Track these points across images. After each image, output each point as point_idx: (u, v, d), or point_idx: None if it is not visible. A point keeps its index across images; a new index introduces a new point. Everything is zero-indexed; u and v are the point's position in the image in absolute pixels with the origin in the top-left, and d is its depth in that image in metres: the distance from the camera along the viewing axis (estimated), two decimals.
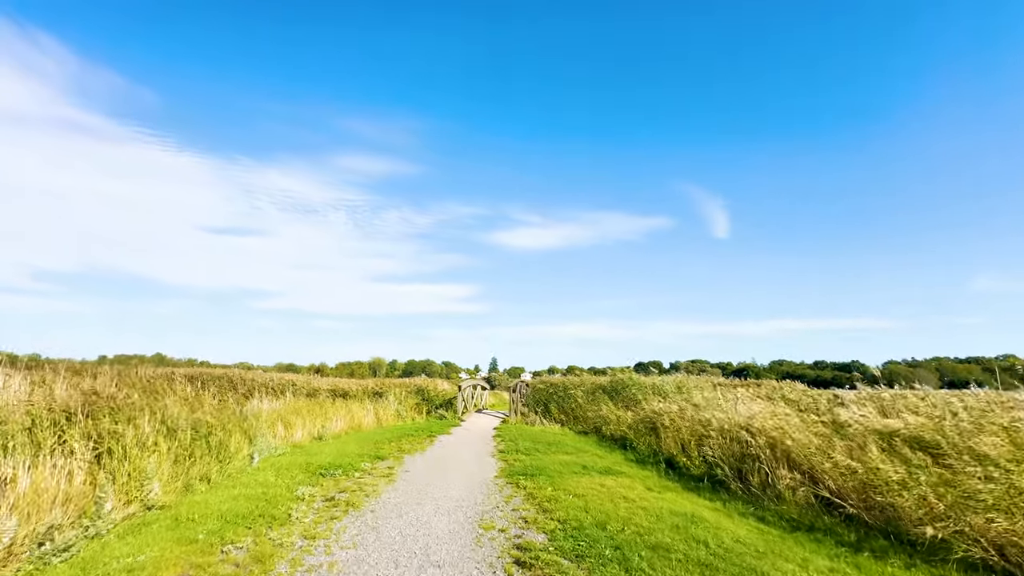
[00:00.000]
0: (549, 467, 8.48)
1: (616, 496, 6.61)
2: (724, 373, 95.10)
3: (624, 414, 13.43)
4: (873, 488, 5.85)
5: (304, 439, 12.54)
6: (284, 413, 13.56)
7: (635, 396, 16.43)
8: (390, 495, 6.75)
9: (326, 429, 13.50)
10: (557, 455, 9.94)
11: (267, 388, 20.66)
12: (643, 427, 11.34)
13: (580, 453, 10.31)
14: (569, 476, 7.88)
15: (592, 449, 11.10)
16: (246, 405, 16.08)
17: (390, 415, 16.66)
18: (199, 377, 20.65)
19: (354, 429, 14.43)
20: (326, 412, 14.64)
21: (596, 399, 16.50)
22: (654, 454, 10.18)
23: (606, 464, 9.14)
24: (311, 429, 13.20)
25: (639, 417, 12.21)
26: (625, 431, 12.04)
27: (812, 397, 13.38)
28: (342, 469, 8.39)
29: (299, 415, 13.71)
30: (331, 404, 15.40)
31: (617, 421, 13.26)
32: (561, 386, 18.70)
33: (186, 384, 18.85)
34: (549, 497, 6.48)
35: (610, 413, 13.82)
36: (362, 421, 15.02)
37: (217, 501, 6.25)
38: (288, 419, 12.93)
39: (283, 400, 18.62)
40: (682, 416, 10.41)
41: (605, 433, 13.21)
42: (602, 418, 13.99)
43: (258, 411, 14.91)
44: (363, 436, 13.07)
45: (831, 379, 67.87)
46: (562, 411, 17.80)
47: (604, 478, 7.88)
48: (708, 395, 14.91)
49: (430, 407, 18.84)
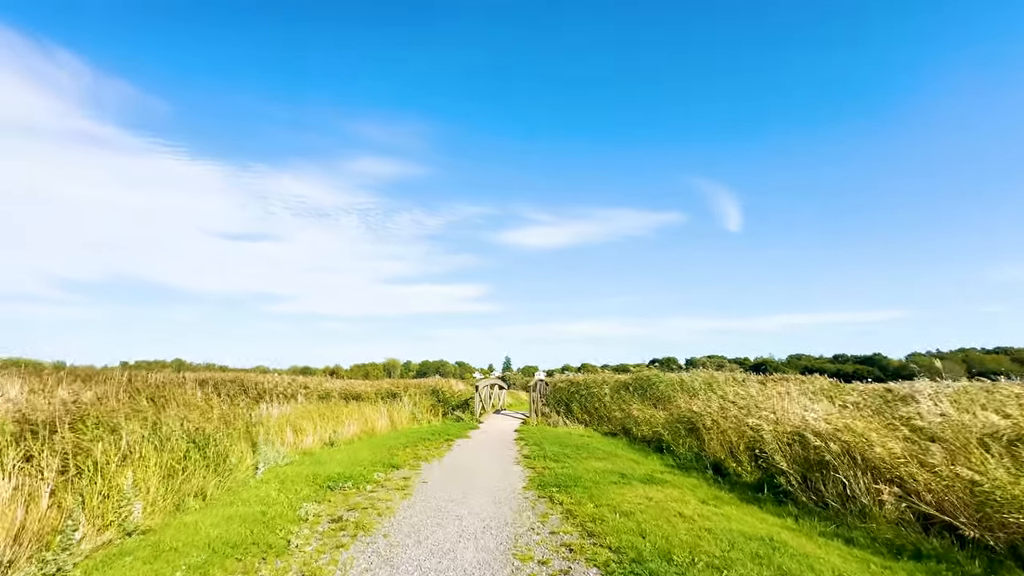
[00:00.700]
0: (583, 476, 7.48)
1: (670, 513, 5.59)
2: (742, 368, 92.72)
3: (656, 414, 12.37)
4: (994, 502, 4.75)
5: (314, 445, 11.71)
6: (294, 418, 12.77)
7: (664, 394, 15.38)
8: (406, 513, 5.82)
9: (338, 434, 12.67)
10: (589, 461, 8.94)
11: (278, 392, 19.97)
12: (681, 428, 10.28)
13: (613, 458, 9.30)
14: (608, 487, 6.88)
15: (625, 453, 10.07)
16: (255, 410, 15.39)
17: (405, 418, 15.81)
18: (209, 381, 20.07)
19: (367, 434, 13.59)
20: (338, 416, 13.82)
21: (623, 398, 15.46)
22: (697, 458, 9.12)
23: (645, 471, 8.12)
24: (322, 434, 12.38)
25: (674, 417, 11.15)
26: (659, 432, 10.98)
27: (860, 393, 12.21)
28: (352, 481, 7.49)
29: (309, 420, 12.91)
30: (343, 407, 14.59)
31: (648, 421, 12.20)
32: (583, 384, 17.68)
33: (196, 388, 18.23)
34: (592, 516, 5.49)
35: (640, 413, 12.77)
36: (375, 425, 14.17)
37: (208, 524, 5.38)
38: (298, 424, 12.13)
39: (294, 404, 17.90)
40: (725, 416, 9.34)
41: (636, 435, 12.17)
42: (631, 418, 12.94)
43: (267, 416, 14.16)
44: (377, 441, 12.20)
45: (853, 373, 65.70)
46: (585, 411, 16.79)
47: (648, 489, 6.87)
48: (744, 391, 13.79)
49: (446, 408, 17.96)
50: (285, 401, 19.30)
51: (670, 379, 16.59)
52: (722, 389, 14.09)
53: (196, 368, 48.30)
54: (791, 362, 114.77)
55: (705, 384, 16.31)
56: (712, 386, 15.99)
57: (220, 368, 57.68)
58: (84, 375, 17.59)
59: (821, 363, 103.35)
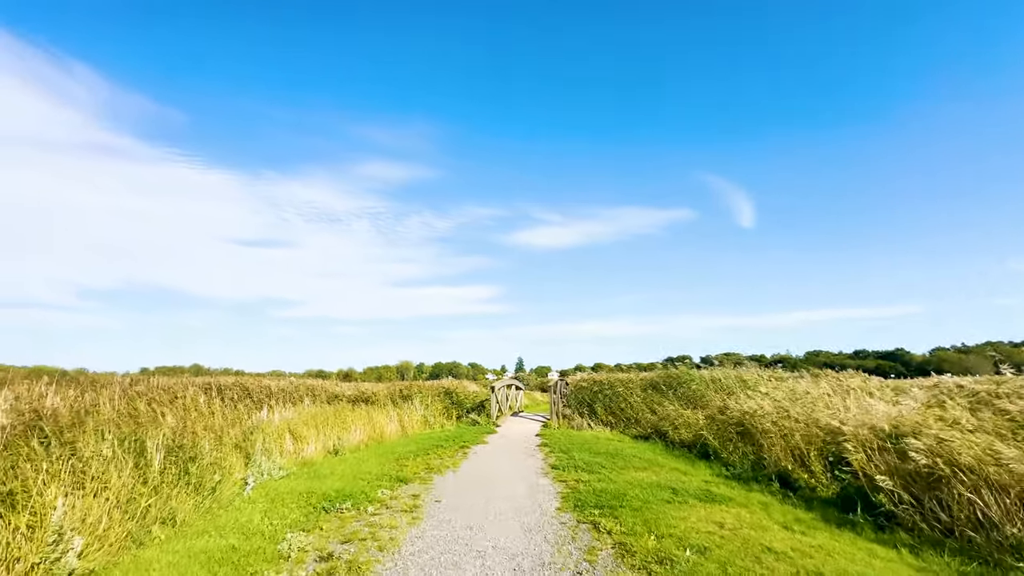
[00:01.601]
0: (628, 493, 6.17)
1: (755, 546, 4.27)
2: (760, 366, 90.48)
3: (694, 415, 10.99)
4: None
5: (317, 454, 10.55)
6: (296, 424, 11.64)
7: (697, 393, 13.98)
8: (414, 547, 4.57)
9: (343, 441, 11.50)
10: (628, 472, 7.63)
11: (284, 395, 18.93)
12: (731, 431, 8.89)
13: (655, 468, 7.97)
14: (661, 507, 5.56)
15: (666, 461, 8.73)
16: (255, 415, 14.32)
17: (416, 422, 14.61)
18: (213, 386, 19.11)
19: (375, 440, 12.41)
20: (344, 421, 12.67)
21: (652, 398, 14.09)
22: (754, 467, 7.75)
23: (698, 485, 6.77)
24: (326, 442, 11.22)
25: (721, 418, 9.76)
26: (703, 436, 9.61)
27: (927, 389, 10.74)
28: (352, 500, 6.27)
29: (313, 426, 11.77)
30: (349, 412, 13.43)
31: (688, 424, 10.83)
32: (607, 384, 16.32)
33: (200, 393, 17.21)
34: (655, 553, 4.17)
35: (677, 414, 11.39)
36: (384, 431, 12.99)
37: (163, 565, 4.19)
38: (299, 431, 10.98)
39: (300, 408, 16.84)
40: (787, 416, 7.94)
41: (673, 439, 10.80)
42: (667, 420, 11.57)
43: (266, 422, 13.08)
44: (385, 449, 11.01)
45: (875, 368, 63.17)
46: (609, 412, 15.43)
47: (711, 509, 5.54)
48: (792, 387, 12.37)
49: (460, 411, 16.73)
50: (291, 405, 18.27)
51: (702, 376, 15.17)
52: (765, 386, 12.65)
53: (212, 373, 47.84)
54: (809, 358, 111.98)
55: (739, 381, 14.91)
56: (748, 383, 14.60)
57: (236, 373, 57.30)
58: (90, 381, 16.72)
59: (841, 359, 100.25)
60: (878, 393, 9.61)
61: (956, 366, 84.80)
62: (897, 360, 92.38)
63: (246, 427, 11.46)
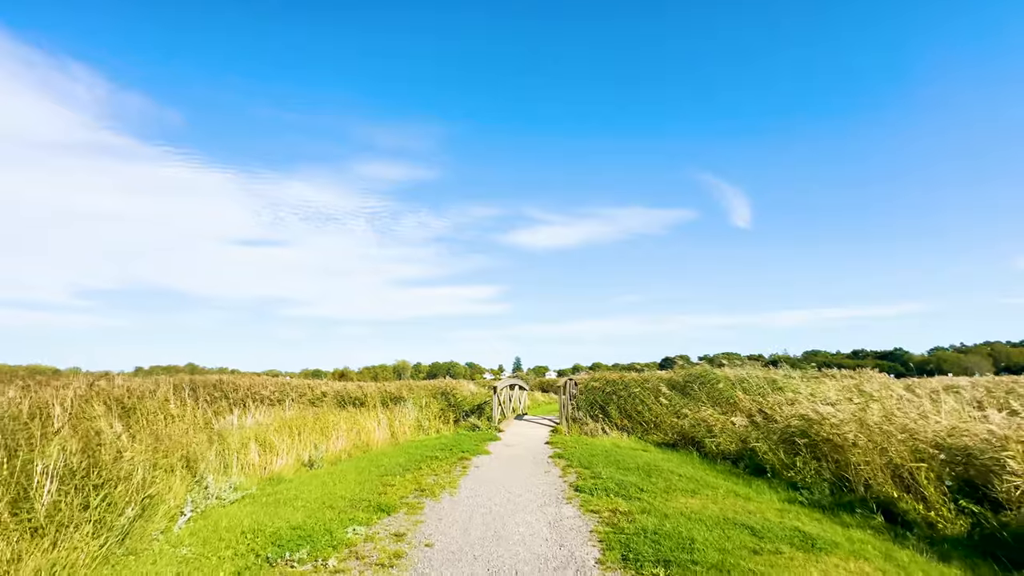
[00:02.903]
0: (693, 536, 4.38)
1: None
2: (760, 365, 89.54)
3: (736, 421, 9.24)
4: None
5: (287, 467, 8.75)
6: (266, 431, 9.83)
7: (724, 394, 12.28)
8: None
9: (321, 451, 9.69)
10: (674, 496, 5.87)
11: (267, 395, 17.08)
12: (799, 442, 7.11)
13: (706, 490, 6.21)
14: (751, 563, 3.80)
15: (714, 479, 6.97)
16: (225, 419, 12.50)
17: (408, 427, 12.80)
18: (190, 385, 17.25)
19: (360, 449, 10.60)
20: (325, 426, 10.85)
21: (678, 400, 12.36)
22: (833, 490, 6.01)
23: (776, 519, 5.02)
24: (300, 452, 9.41)
25: (767, 425, 8.01)
26: (752, 447, 7.86)
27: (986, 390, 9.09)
28: (311, 543, 4.49)
29: (288, 432, 9.96)
30: (331, 416, 11.61)
31: (727, 431, 9.09)
32: (622, 384, 14.56)
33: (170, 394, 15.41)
34: None
35: (714, 419, 9.63)
36: (371, 437, 11.17)
37: None
38: (268, 439, 9.17)
39: (280, 411, 15.00)
40: (881, 424, 6.17)
41: (709, 448, 9.04)
42: (701, 426, 9.81)
43: (237, 427, 11.26)
44: (370, 460, 9.21)
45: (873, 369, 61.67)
46: (625, 415, 13.69)
47: (820, 564, 3.78)
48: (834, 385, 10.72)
49: (458, 414, 14.93)
50: (273, 407, 16.43)
51: (727, 376, 13.48)
52: (806, 386, 10.93)
53: (206, 372, 45.70)
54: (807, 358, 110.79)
55: (768, 382, 13.25)
56: (777, 384, 12.93)
57: (232, 372, 55.20)
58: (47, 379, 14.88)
59: (839, 359, 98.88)
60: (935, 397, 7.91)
61: (955, 366, 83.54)
62: (896, 360, 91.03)
63: (209, 434, 9.67)
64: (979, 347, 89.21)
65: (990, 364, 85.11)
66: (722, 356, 46.03)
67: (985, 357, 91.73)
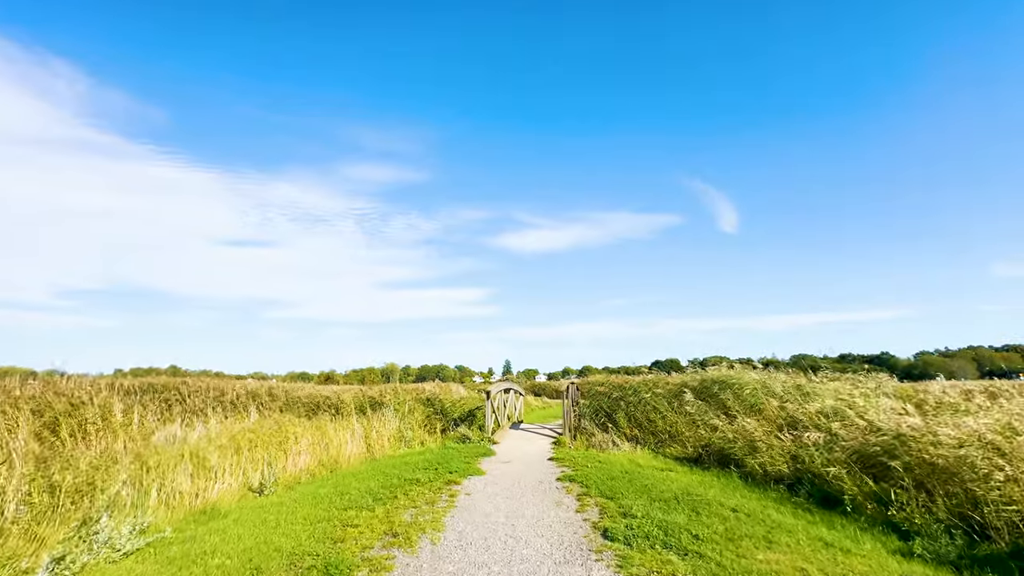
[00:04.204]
0: None
1: None
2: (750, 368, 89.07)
3: (784, 436, 7.57)
4: None
5: (228, 494, 6.87)
6: (209, 445, 7.93)
7: (748, 402, 10.67)
8: None
9: (277, 470, 7.82)
10: (746, 550, 4.14)
11: (226, 400, 15.05)
12: (897, 468, 5.43)
13: (781, 535, 4.50)
14: None
15: (779, 515, 5.27)
16: (165, 430, 10.56)
17: (388, 437, 10.94)
18: (138, 388, 15.16)
19: (327, 467, 8.72)
20: (285, 439, 8.96)
21: (698, 408, 10.70)
22: (963, 536, 4.35)
23: None
24: (250, 472, 7.52)
25: (845, 444, 6.33)
26: (819, 470, 6.18)
27: None
28: None
29: (236, 447, 8.07)
30: (294, 425, 9.70)
31: (771, 447, 7.42)
32: (629, 389, 12.87)
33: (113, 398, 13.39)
34: None
35: (757, 432, 7.95)
36: (341, 452, 9.28)
37: None
38: (206, 457, 7.26)
39: (243, 418, 13.02)
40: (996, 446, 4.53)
41: (751, 468, 7.36)
42: (741, 440, 8.12)
43: (181, 439, 9.33)
44: (335, 485, 7.35)
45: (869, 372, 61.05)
46: (635, 424, 12.00)
47: None
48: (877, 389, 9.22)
49: (446, 423, 13.11)
50: (237, 413, 14.42)
51: (753, 381, 11.88)
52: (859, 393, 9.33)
53: (187, 374, 42.99)
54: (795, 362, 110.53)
55: (794, 387, 11.72)
56: (802, 390, 11.40)
57: (216, 375, 52.31)
58: None
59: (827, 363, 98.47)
60: None
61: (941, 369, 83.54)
62: (883, 364, 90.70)
63: (132, 451, 7.77)
64: (963, 351, 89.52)
65: (974, 368, 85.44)
66: (712, 359, 43.80)
67: (969, 361, 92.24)
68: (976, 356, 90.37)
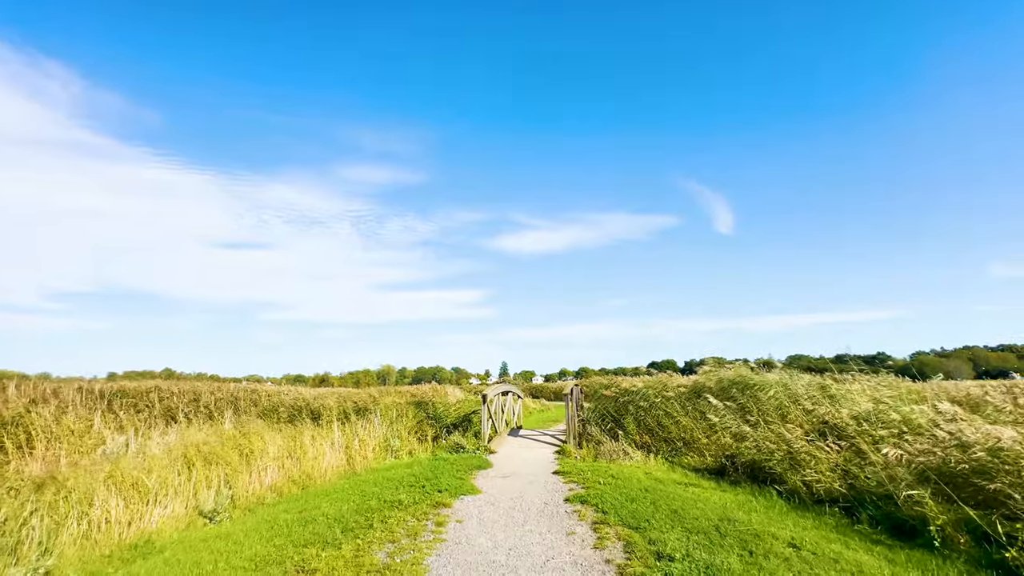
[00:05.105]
0: None
1: None
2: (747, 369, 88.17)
3: (825, 447, 6.44)
4: None
5: (170, 522, 5.65)
6: (151, 462, 6.70)
7: (769, 405, 9.57)
8: None
9: (236, 490, 6.61)
10: None
11: (201, 404, 13.80)
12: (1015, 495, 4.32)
13: None
14: None
15: (853, 553, 4.13)
16: (120, 438, 9.34)
17: (373, 447, 9.73)
18: (106, 392, 13.88)
19: (298, 484, 7.50)
20: (250, 451, 7.76)
21: (731, 412, 9.57)
22: None
23: None
24: (203, 493, 6.30)
25: (927, 462, 5.19)
26: (890, 491, 5.04)
27: None
28: None
29: (190, 463, 6.86)
30: (258, 437, 8.47)
31: (812, 458, 6.28)
32: (639, 393, 11.74)
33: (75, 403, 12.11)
34: None
35: (801, 441, 6.79)
36: (314, 466, 8.06)
37: None
38: (140, 479, 6.02)
39: (216, 425, 11.77)
40: None
41: (792, 483, 6.23)
42: (780, 451, 6.97)
43: (138, 450, 8.09)
44: (300, 510, 6.14)
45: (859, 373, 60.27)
46: (645, 430, 10.85)
47: None
48: None
49: (438, 429, 11.91)
50: (211, 419, 13.17)
51: (773, 382, 10.78)
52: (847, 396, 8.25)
53: (183, 377, 41.37)
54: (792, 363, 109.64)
55: (819, 388, 10.64)
56: (827, 390, 10.35)
57: (211, 377, 50.59)
58: None
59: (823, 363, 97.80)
60: None
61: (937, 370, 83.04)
62: (879, 364, 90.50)
63: (50, 471, 6.55)
64: (959, 351, 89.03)
65: (970, 368, 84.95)
66: (710, 360, 42.03)
67: (965, 361, 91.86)
68: (972, 356, 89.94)
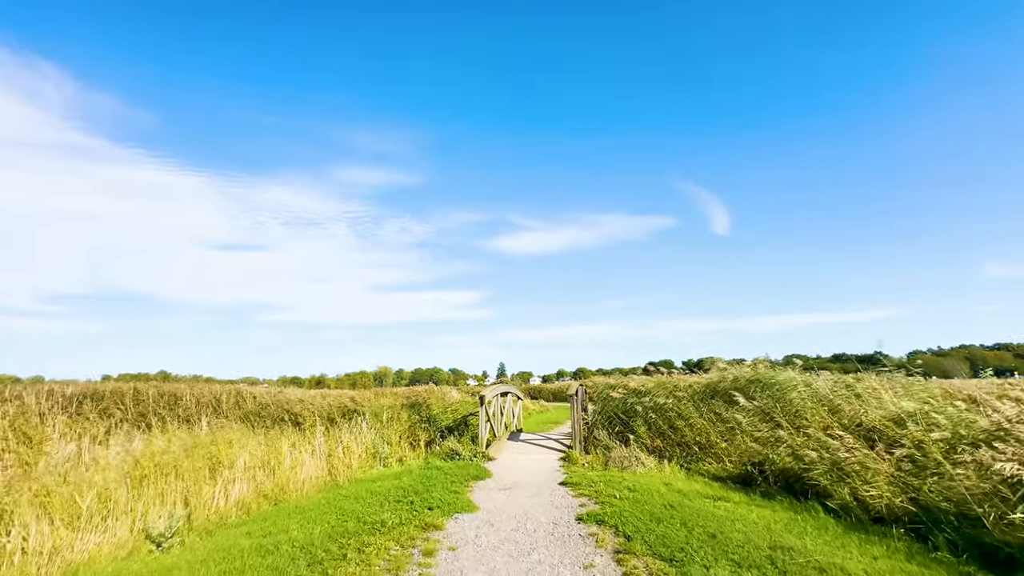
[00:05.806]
0: None
1: None
2: None
3: (877, 455, 5.55)
4: None
5: (110, 549, 4.70)
6: (106, 472, 5.76)
7: (792, 408, 8.76)
8: None
9: (194, 508, 5.67)
10: None
11: (179, 408, 12.80)
12: None
13: None
14: None
15: None
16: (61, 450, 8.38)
17: (359, 454, 8.78)
18: (85, 395, 12.88)
19: (269, 499, 6.56)
20: (216, 461, 6.81)
21: (737, 417, 8.70)
22: None
23: None
24: (154, 512, 5.36)
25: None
26: (972, 512, 4.15)
27: None
28: None
29: (142, 476, 5.91)
30: (230, 445, 7.50)
31: (866, 469, 5.39)
32: (648, 394, 10.84)
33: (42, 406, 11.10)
34: None
35: (847, 450, 5.88)
36: (293, 476, 7.11)
37: None
38: (72, 500, 5.07)
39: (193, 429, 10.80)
40: None
41: (840, 498, 5.34)
42: (824, 460, 6.06)
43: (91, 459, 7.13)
44: (264, 533, 5.19)
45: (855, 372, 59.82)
46: (657, 434, 9.97)
47: None
48: None
49: (432, 432, 10.98)
50: (186, 423, 12.18)
51: (797, 381, 9.97)
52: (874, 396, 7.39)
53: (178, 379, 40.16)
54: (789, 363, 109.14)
55: (844, 387, 9.95)
56: (852, 389, 9.62)
57: (207, 379, 49.53)
58: None
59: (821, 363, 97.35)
60: None
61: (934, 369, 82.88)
62: (877, 364, 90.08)
63: None
64: (956, 350, 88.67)
65: (967, 367, 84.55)
66: (706, 360, 40.78)
67: (962, 360, 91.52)
68: (968, 355, 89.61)
